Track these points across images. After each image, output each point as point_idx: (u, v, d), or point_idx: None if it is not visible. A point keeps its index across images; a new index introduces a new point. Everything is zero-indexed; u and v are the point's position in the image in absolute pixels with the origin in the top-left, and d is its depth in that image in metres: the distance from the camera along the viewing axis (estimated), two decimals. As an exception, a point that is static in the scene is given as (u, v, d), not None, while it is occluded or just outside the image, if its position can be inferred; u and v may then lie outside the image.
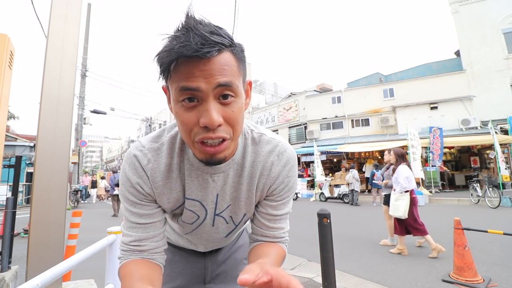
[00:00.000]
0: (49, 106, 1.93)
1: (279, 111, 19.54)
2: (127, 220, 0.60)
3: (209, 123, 0.45)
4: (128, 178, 0.59)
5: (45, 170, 1.88)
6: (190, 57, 0.44)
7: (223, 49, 0.46)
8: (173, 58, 0.45)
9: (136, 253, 0.59)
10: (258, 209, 0.69)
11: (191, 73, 0.45)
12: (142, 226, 0.60)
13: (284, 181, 0.65)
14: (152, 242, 0.60)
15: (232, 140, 0.51)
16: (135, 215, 0.60)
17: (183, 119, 0.48)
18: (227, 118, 0.48)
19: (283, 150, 0.65)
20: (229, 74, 0.47)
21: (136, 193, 0.59)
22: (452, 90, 13.28)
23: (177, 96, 0.47)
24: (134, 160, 0.59)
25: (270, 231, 0.67)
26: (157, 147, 0.60)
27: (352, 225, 5.78)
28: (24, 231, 5.26)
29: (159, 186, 0.60)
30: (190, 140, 0.50)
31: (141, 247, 0.59)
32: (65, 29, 2.02)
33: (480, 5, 13.72)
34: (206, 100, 0.46)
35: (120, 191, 0.61)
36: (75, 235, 2.87)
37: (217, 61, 0.45)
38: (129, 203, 0.59)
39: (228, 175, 0.62)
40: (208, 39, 0.44)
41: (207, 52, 0.43)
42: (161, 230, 0.63)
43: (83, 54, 13.74)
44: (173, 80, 0.47)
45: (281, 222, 0.68)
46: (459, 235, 2.64)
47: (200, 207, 0.64)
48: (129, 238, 0.59)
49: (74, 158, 13.02)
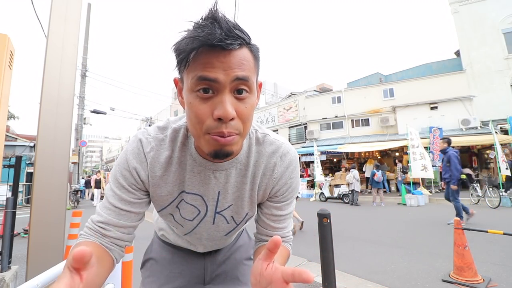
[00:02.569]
0: (49, 106, 1.93)
1: (279, 111, 19.53)
2: (106, 199, 0.59)
3: (223, 115, 0.45)
4: (127, 160, 0.58)
5: (45, 170, 1.88)
6: (212, 47, 0.44)
7: (243, 45, 0.48)
8: (196, 46, 0.45)
9: (97, 236, 0.56)
10: (262, 211, 0.69)
11: (210, 63, 0.45)
12: (117, 211, 0.57)
13: (287, 182, 0.66)
14: (117, 231, 0.57)
15: (241, 136, 0.51)
16: (116, 197, 0.58)
17: (197, 109, 0.48)
18: (240, 113, 0.48)
19: (286, 152, 0.65)
20: (246, 69, 0.48)
21: (129, 176, 0.58)
22: (452, 90, 13.27)
23: (193, 86, 0.47)
24: (139, 144, 0.59)
25: (275, 231, 0.69)
26: (161, 138, 0.61)
27: (352, 225, 5.78)
28: (24, 231, 5.26)
29: (156, 177, 0.59)
30: (200, 132, 0.49)
31: (105, 231, 0.56)
32: (65, 29, 2.02)
33: (480, 5, 13.71)
34: (222, 92, 0.47)
35: (112, 171, 0.60)
36: (75, 235, 2.87)
37: (237, 55, 0.46)
38: (116, 185, 0.58)
39: (230, 174, 0.62)
40: (232, 32, 0.45)
41: (230, 44, 0.44)
42: (132, 224, 0.59)
43: (83, 54, 13.73)
44: (191, 69, 0.47)
45: (285, 222, 0.70)
46: (459, 235, 2.64)
47: (201, 202, 0.64)
48: (99, 217, 0.57)
49: (74, 158, 13.01)
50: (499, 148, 8.64)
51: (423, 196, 8.77)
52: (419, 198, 8.56)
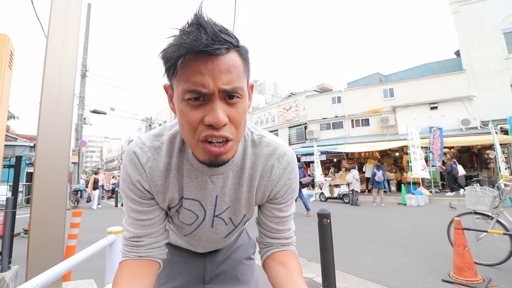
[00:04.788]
0: (49, 106, 1.93)
1: (279, 111, 19.53)
2: (128, 215, 0.62)
3: (215, 121, 0.45)
4: (128, 175, 0.59)
5: (45, 170, 1.88)
6: (199, 53, 0.44)
7: (231, 49, 0.46)
8: (182, 53, 0.44)
9: (134, 249, 0.61)
10: (264, 213, 0.69)
11: (198, 71, 0.44)
12: (141, 223, 0.61)
13: (287, 183, 0.65)
14: (150, 237, 0.62)
15: (235, 141, 0.51)
16: (134, 211, 0.61)
17: (188, 117, 0.47)
18: (232, 118, 0.48)
19: (283, 153, 0.65)
20: (235, 77, 0.47)
21: (136, 190, 0.59)
22: (452, 90, 13.27)
23: (183, 94, 0.47)
24: (134, 157, 0.59)
25: (280, 233, 0.69)
26: (157, 146, 0.60)
27: (352, 225, 5.78)
28: (24, 231, 5.26)
29: (157, 185, 0.60)
30: (194, 140, 0.49)
31: (140, 242, 0.61)
32: (65, 29, 2.02)
33: (480, 5, 13.70)
34: (212, 99, 0.46)
35: (121, 187, 0.61)
36: (75, 235, 2.87)
37: (225, 60, 0.45)
38: (129, 199, 0.61)
39: (228, 177, 0.62)
40: (219, 36, 0.44)
41: (217, 49, 0.43)
42: (159, 227, 0.64)
43: (83, 54, 13.71)
44: (179, 77, 0.47)
45: (288, 223, 0.70)
46: (459, 235, 2.64)
47: (199, 207, 0.64)
48: (129, 234, 0.62)
49: (74, 158, 13.00)
50: (499, 148, 8.64)
51: (423, 196, 8.78)
52: (419, 198, 8.57)
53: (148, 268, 0.60)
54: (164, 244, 0.65)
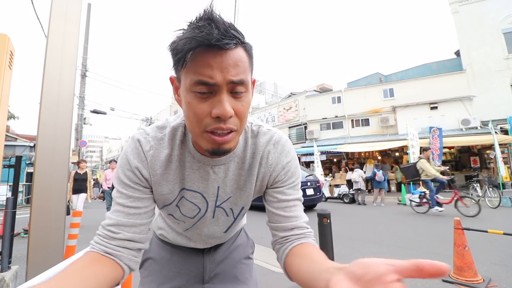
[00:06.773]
0: (49, 106, 1.93)
1: (279, 111, 19.55)
2: (114, 202, 0.58)
3: (222, 114, 0.47)
4: (128, 161, 0.59)
5: (45, 170, 1.88)
6: (210, 47, 0.45)
7: (238, 44, 0.49)
8: (193, 46, 0.45)
9: (105, 241, 0.54)
10: (269, 201, 0.66)
11: (207, 64, 0.46)
12: (126, 210, 0.57)
13: (285, 166, 0.66)
14: (128, 231, 0.56)
15: (238, 132, 0.53)
16: (124, 196, 0.58)
17: (196, 109, 0.49)
18: (237, 111, 0.50)
19: (278, 139, 0.67)
20: (242, 70, 0.49)
21: (132, 176, 0.59)
22: (452, 90, 13.28)
23: (191, 86, 0.48)
24: (137, 144, 0.60)
25: (289, 222, 0.62)
26: (160, 137, 0.61)
27: (352, 225, 5.78)
28: (24, 231, 5.26)
29: (157, 175, 0.60)
30: (199, 130, 0.51)
31: (115, 234, 0.55)
32: (65, 29, 2.02)
33: (480, 5, 13.72)
34: (220, 92, 0.48)
35: (116, 174, 0.61)
36: (75, 235, 2.87)
37: (233, 55, 0.48)
38: (122, 185, 0.58)
39: (229, 168, 0.64)
40: (229, 32, 0.46)
41: (227, 44, 0.45)
42: (143, 221, 0.58)
43: (83, 54, 13.72)
44: (188, 69, 0.48)
45: (296, 210, 0.64)
46: (459, 235, 2.63)
47: (202, 199, 0.65)
48: (108, 221, 0.56)
49: (74, 158, 13.01)
50: (499, 148, 8.65)
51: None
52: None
53: (106, 271, 0.50)
54: (138, 251, 0.58)
